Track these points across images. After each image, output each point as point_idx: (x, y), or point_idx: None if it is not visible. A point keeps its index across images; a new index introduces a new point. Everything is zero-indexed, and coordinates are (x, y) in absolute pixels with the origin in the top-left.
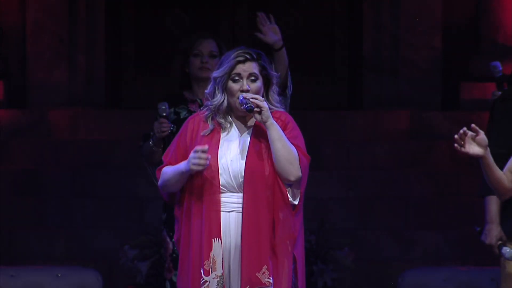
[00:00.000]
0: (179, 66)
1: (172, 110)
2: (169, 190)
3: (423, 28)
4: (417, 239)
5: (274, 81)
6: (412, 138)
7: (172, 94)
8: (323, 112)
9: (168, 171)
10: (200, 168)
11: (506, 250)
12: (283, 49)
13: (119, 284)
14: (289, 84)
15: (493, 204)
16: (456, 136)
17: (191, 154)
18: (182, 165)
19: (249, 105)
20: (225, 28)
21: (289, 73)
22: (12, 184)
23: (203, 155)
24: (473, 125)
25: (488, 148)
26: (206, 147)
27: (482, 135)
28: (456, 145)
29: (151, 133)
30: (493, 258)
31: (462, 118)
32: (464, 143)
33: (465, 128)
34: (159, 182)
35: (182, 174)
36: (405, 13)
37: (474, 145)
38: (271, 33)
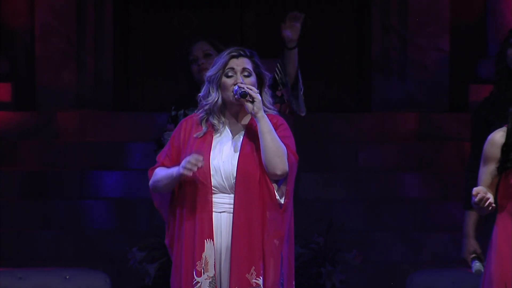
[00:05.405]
0: (184, 75)
1: (182, 112)
2: (158, 191)
3: (431, 30)
4: (425, 241)
5: (267, 82)
6: (420, 140)
7: (181, 97)
8: (331, 114)
9: (159, 172)
10: (188, 172)
11: (476, 263)
12: (295, 50)
13: (127, 286)
14: (300, 85)
15: (470, 218)
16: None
17: (186, 158)
18: (174, 169)
19: (243, 90)
20: (233, 29)
21: (300, 75)
22: (21, 186)
23: (197, 161)
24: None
25: None
26: (201, 157)
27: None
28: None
29: (162, 138)
30: None
31: (470, 120)
32: (485, 201)
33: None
34: (150, 182)
35: (173, 177)
36: (413, 15)
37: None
38: (291, 31)
